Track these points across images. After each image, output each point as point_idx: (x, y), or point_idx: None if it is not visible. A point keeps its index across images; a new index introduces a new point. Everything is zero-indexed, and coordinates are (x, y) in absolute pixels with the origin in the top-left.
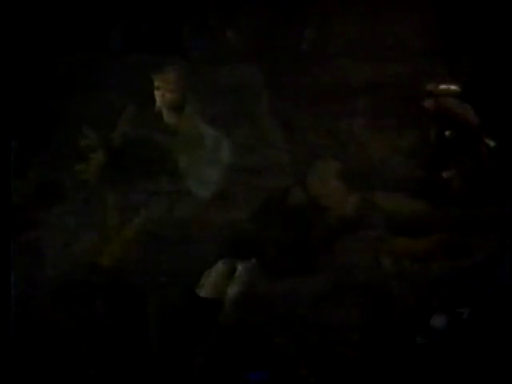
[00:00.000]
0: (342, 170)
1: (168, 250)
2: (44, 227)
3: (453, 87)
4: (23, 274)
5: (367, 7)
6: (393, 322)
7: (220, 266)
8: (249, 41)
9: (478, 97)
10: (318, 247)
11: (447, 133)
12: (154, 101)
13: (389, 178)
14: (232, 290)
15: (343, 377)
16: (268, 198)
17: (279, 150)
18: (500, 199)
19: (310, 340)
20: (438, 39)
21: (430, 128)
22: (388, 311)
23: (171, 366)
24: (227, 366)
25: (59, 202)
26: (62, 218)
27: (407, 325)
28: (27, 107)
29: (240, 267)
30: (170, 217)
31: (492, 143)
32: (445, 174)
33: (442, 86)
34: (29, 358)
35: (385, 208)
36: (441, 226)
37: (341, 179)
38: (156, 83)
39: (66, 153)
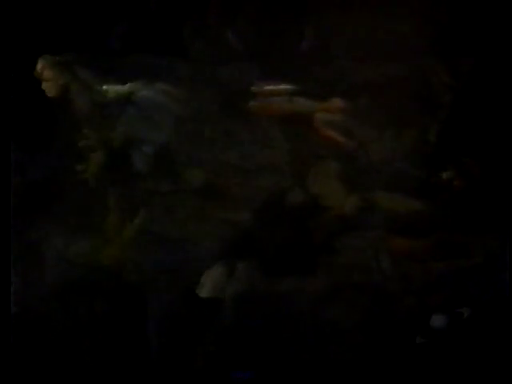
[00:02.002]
0: (341, 169)
1: (168, 250)
2: (44, 227)
3: (281, 87)
4: (23, 274)
5: (367, 7)
6: (393, 322)
7: (220, 266)
8: (249, 41)
9: (477, 96)
10: (317, 247)
11: None
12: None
13: (389, 178)
14: (232, 290)
15: (343, 377)
16: (268, 198)
17: (279, 149)
18: (500, 199)
19: (309, 340)
20: (437, 39)
21: (429, 128)
22: (388, 311)
23: (171, 365)
24: (227, 366)
25: (59, 202)
26: (61, 218)
27: (407, 325)
28: (27, 107)
29: (240, 267)
30: (170, 217)
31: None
32: (445, 175)
33: (267, 87)
34: (29, 358)
35: (385, 208)
36: (441, 226)
37: (341, 179)
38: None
39: (66, 153)
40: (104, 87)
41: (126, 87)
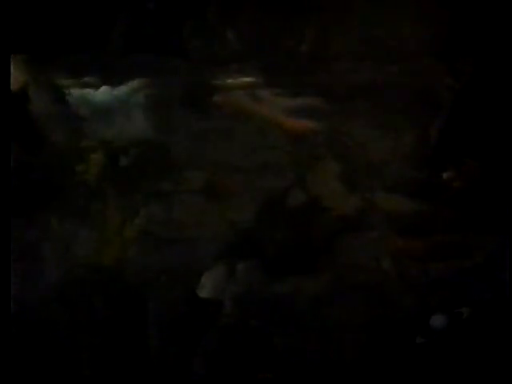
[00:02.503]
0: (342, 170)
1: (168, 250)
2: (44, 227)
3: (246, 79)
4: (23, 274)
5: (367, 7)
6: (393, 322)
7: (220, 266)
8: (249, 41)
9: (478, 97)
10: (318, 247)
11: None
12: None
13: (389, 179)
14: (232, 291)
15: (343, 377)
16: (268, 198)
17: (279, 149)
18: (500, 200)
19: (309, 340)
20: (437, 39)
21: (429, 128)
22: (388, 311)
23: (171, 366)
24: (227, 367)
25: (59, 202)
26: (62, 218)
27: (407, 325)
28: (27, 107)
29: (240, 267)
30: (170, 217)
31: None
32: (445, 175)
33: (230, 80)
34: (28, 358)
35: (385, 208)
36: (441, 226)
37: (341, 180)
38: None
39: (66, 153)
40: (72, 90)
41: (100, 90)
